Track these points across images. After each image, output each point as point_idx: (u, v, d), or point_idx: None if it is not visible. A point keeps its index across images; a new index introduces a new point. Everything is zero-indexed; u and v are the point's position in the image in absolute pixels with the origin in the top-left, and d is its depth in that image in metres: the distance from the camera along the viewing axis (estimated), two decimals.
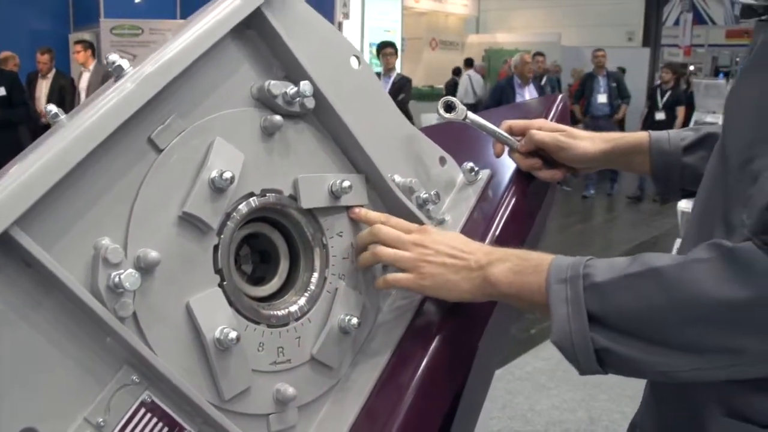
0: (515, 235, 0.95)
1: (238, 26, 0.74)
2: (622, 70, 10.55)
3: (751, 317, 0.60)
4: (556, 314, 0.68)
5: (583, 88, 8.13)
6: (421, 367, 0.78)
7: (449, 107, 0.94)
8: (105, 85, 0.67)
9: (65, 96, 6.96)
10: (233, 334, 0.68)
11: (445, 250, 0.78)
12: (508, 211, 0.95)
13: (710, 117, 6.65)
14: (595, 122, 7.84)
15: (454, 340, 0.82)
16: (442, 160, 0.99)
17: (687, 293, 0.62)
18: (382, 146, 0.87)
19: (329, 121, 0.82)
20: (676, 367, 0.65)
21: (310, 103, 0.78)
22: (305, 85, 0.76)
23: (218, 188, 0.69)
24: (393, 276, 0.81)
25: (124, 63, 0.65)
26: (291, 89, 0.76)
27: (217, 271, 0.71)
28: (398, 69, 7.88)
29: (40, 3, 8.10)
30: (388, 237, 0.80)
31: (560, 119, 1.07)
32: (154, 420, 0.65)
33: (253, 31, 0.77)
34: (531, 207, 0.99)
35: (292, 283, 0.80)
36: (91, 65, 6.61)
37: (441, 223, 0.94)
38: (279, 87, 0.76)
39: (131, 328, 0.63)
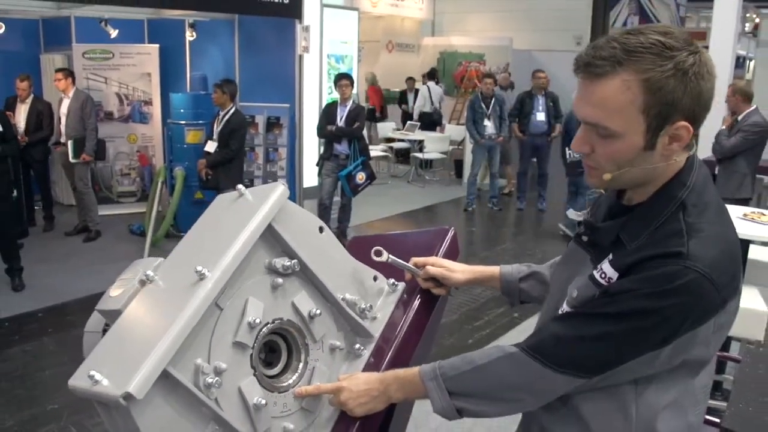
0: (419, 325, 1.61)
1: None
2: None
3: (528, 389, 1.26)
4: (434, 398, 1.33)
5: (522, 106, 8.45)
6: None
7: (378, 254, 1.60)
8: (190, 280, 1.29)
9: (43, 120, 7.36)
10: (263, 401, 1.32)
11: (359, 393, 1.39)
12: (414, 312, 1.61)
13: None
14: (533, 139, 8.42)
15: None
16: (375, 278, 1.64)
17: (498, 379, 1.28)
18: (337, 279, 1.52)
19: (308, 273, 1.46)
20: (497, 413, 1.31)
21: (297, 268, 1.42)
22: (294, 263, 1.40)
23: (252, 327, 1.33)
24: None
25: (205, 271, 1.28)
26: (287, 262, 1.40)
27: (252, 366, 1.35)
28: (356, 73, 8.61)
29: (10, 24, 8.37)
30: (337, 402, 1.42)
31: (449, 249, 1.72)
32: None
33: (266, 229, 1.40)
34: (428, 308, 1.64)
35: (288, 366, 1.45)
36: (71, 92, 6.97)
37: (374, 319, 1.59)
38: (279, 262, 1.39)
39: (214, 403, 1.27)
